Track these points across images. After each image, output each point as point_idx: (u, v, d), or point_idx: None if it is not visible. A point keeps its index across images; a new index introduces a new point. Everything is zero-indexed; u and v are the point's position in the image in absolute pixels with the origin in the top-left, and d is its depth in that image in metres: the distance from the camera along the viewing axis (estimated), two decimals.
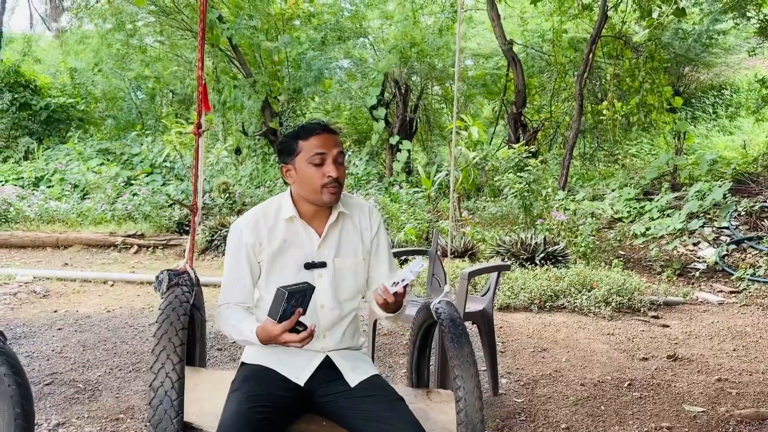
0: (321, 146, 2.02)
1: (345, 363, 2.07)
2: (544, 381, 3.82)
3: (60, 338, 4.41)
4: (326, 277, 2.09)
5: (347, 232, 2.15)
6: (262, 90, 11.56)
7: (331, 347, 2.10)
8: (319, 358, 2.07)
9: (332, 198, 2.04)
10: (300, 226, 2.10)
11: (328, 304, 2.09)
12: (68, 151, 12.74)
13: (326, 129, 2.06)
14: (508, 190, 8.21)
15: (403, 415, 1.89)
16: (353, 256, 2.14)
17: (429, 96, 14.05)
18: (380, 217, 2.25)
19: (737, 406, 3.48)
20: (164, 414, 1.76)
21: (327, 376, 2.04)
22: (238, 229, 2.10)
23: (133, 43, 13.57)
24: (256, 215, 2.10)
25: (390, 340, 4.56)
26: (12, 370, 1.80)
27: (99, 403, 3.34)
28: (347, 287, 2.13)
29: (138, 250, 7.94)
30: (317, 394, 2.02)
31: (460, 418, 1.84)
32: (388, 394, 1.98)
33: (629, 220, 8.78)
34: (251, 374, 2.02)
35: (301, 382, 2.02)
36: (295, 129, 2.10)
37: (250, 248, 2.07)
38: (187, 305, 1.93)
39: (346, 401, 1.97)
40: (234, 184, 10.04)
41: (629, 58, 11.34)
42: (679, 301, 5.84)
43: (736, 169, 9.50)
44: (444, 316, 2.03)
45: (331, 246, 2.11)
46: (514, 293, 5.58)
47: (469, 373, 1.87)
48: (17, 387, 1.79)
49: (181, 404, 1.79)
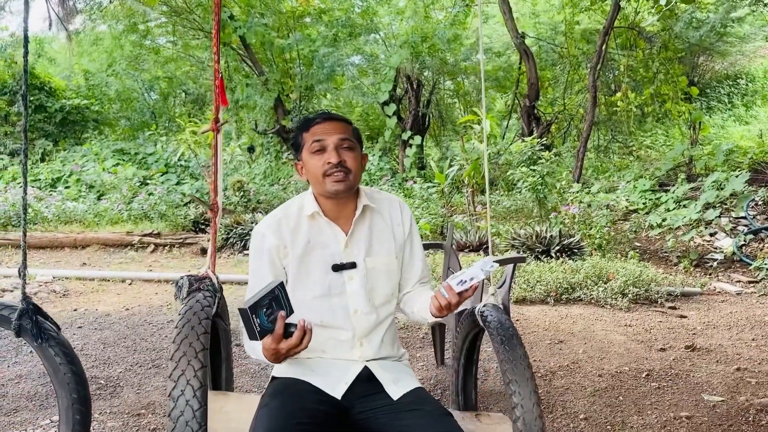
0: (320, 133, 1.90)
1: (386, 375, 1.89)
2: (562, 372, 3.82)
3: (81, 336, 4.46)
4: (357, 279, 1.92)
5: (377, 228, 1.99)
6: (274, 88, 11.61)
7: (369, 356, 1.92)
8: (357, 368, 1.90)
9: (338, 186, 1.88)
10: (324, 223, 1.95)
11: (362, 309, 1.92)
12: (84, 152, 12.87)
13: (327, 117, 1.95)
14: (521, 183, 8.19)
15: (451, 430, 1.70)
16: (386, 254, 1.97)
17: (441, 91, 14.03)
18: (411, 213, 2.08)
19: (757, 395, 3.46)
20: (186, 426, 1.59)
21: (366, 390, 1.85)
22: (260, 233, 1.95)
23: (146, 44, 13.68)
24: (277, 217, 1.96)
25: (407, 334, 4.57)
26: (67, 359, 1.89)
27: (120, 398, 3.38)
28: (381, 289, 1.96)
29: (155, 249, 8.01)
30: (356, 410, 1.82)
31: (516, 427, 1.63)
32: (434, 409, 1.78)
33: (645, 211, 8.73)
34: (283, 388, 1.85)
35: (338, 395, 1.83)
36: (299, 122, 2.01)
37: (274, 252, 1.92)
38: (209, 309, 1.83)
39: (387, 416, 1.78)
40: (248, 182, 10.10)
41: (643, 48, 11.27)
42: (696, 291, 5.80)
43: (753, 158, 9.40)
44: (491, 320, 1.85)
45: (360, 244, 1.95)
46: (530, 286, 5.58)
47: (525, 378, 1.66)
48: (73, 375, 1.89)
49: (205, 415, 1.62)
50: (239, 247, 7.77)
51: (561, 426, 3.10)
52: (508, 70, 13.63)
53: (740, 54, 14.88)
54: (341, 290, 1.92)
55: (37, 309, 1.89)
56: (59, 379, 1.88)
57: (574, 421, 3.15)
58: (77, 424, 1.88)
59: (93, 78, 15.92)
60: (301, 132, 1.96)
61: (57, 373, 1.88)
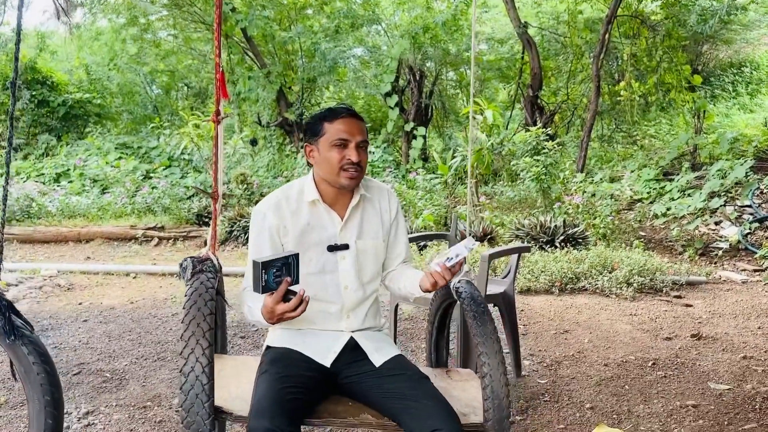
0: (345, 131, 2.05)
1: (369, 344, 2.11)
2: (567, 362, 3.81)
3: (86, 330, 4.47)
4: (349, 258, 2.13)
5: (368, 214, 2.18)
6: (277, 80, 11.57)
7: (355, 327, 2.14)
8: (344, 339, 2.10)
9: (350, 182, 2.07)
10: (323, 209, 2.13)
11: (352, 285, 2.13)
12: (87, 147, 12.86)
13: (353, 114, 2.09)
14: (525, 173, 8.16)
15: (428, 392, 1.91)
16: (374, 238, 2.18)
17: (444, 81, 13.98)
18: (398, 200, 2.28)
19: (763, 383, 3.45)
20: (196, 398, 1.77)
21: (352, 357, 2.07)
22: (261, 212, 2.11)
23: (147, 38, 13.64)
24: (278, 198, 2.12)
25: (411, 325, 4.57)
26: (41, 359, 1.83)
27: (126, 391, 3.39)
28: (369, 269, 2.17)
29: (158, 243, 8.02)
30: (343, 375, 2.04)
31: (485, 393, 1.85)
32: (413, 374, 2.00)
33: (649, 200, 8.70)
34: (278, 356, 2.04)
35: (327, 363, 2.04)
36: (323, 111, 2.12)
37: (275, 231, 2.09)
38: (213, 290, 1.94)
39: (371, 381, 2.00)
40: (251, 174, 10.08)
41: (646, 36, 11.19)
42: (701, 280, 5.79)
43: (758, 146, 9.35)
44: (465, 295, 2.05)
45: (353, 228, 2.15)
46: (535, 276, 5.56)
47: (493, 350, 1.88)
48: (46, 375, 1.82)
49: (212, 389, 1.81)
50: (243, 240, 7.76)
51: (567, 415, 3.09)
52: (511, 60, 13.56)
53: (744, 42, 14.77)
54: (334, 268, 2.13)
55: (11, 306, 1.84)
56: (31, 380, 1.80)
57: (580, 410, 3.14)
58: (49, 429, 1.80)
59: (95, 72, 15.89)
60: (324, 121, 2.08)
61: (29, 374, 1.80)
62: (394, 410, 1.90)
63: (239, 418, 1.93)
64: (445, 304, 2.31)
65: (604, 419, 3.04)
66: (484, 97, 11.42)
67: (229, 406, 1.96)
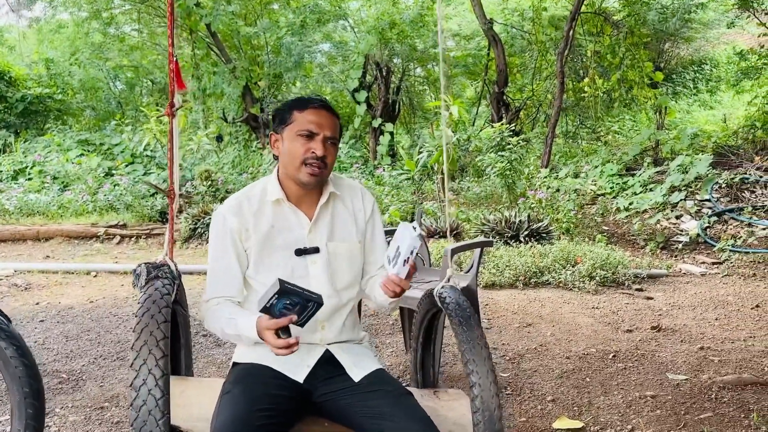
0: (314, 122, 1.89)
1: (347, 357, 1.93)
2: (530, 355, 3.84)
3: (42, 330, 4.36)
4: (320, 263, 1.95)
5: (340, 214, 2.01)
6: (242, 76, 11.45)
7: (330, 339, 1.95)
8: (319, 352, 1.92)
9: (311, 179, 1.89)
10: (288, 209, 1.96)
11: (325, 292, 1.89)
12: (47, 143, 12.56)
13: (326, 106, 1.94)
14: (490, 169, 8.21)
15: (410, 410, 1.75)
16: (348, 240, 2.00)
17: (411, 78, 13.99)
18: (374, 198, 2.09)
19: (719, 372, 3.52)
20: (148, 415, 1.60)
21: (328, 373, 1.89)
22: (221, 215, 1.95)
23: (110, 32, 13.38)
24: (239, 200, 1.96)
25: (376, 321, 4.55)
26: (18, 352, 1.83)
27: (83, 392, 3.31)
28: (343, 274, 1.98)
29: (121, 241, 7.88)
30: (318, 393, 1.86)
31: (474, 405, 1.68)
32: (394, 389, 1.83)
33: (612, 195, 8.83)
34: (245, 373, 1.86)
35: (300, 379, 1.86)
36: (295, 98, 1.99)
37: (236, 234, 1.92)
38: (168, 297, 1.80)
39: (349, 398, 1.82)
40: (216, 171, 9.96)
41: (609, 34, 11.34)
42: (662, 273, 5.89)
43: (717, 142, 9.56)
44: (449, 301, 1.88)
45: (323, 230, 1.97)
46: (499, 271, 5.60)
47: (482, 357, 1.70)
48: (25, 368, 1.83)
49: (167, 404, 1.62)
50: (207, 237, 7.63)
51: (529, 408, 3.11)
52: (478, 56, 13.63)
53: (704, 40, 15.07)
54: (304, 273, 1.93)
55: None
56: (10, 372, 1.82)
57: (542, 403, 3.17)
58: (30, 418, 1.82)
59: (55, 67, 15.52)
60: (294, 110, 1.93)
61: (8, 367, 1.82)
62: (374, 431, 1.73)
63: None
64: (430, 315, 2.11)
65: (565, 412, 3.07)
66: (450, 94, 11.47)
67: (188, 427, 1.81)
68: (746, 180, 8.06)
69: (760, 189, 7.94)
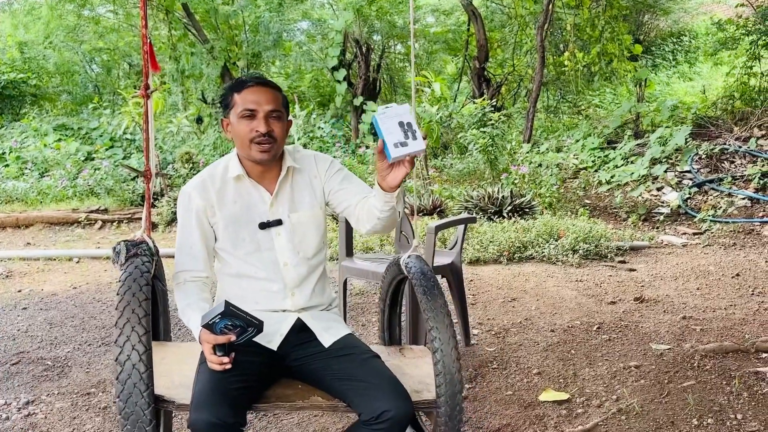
0: (252, 101, 1.95)
1: (318, 324, 2.04)
2: (515, 329, 3.88)
3: (25, 317, 4.33)
4: (284, 234, 2.04)
5: (298, 185, 2.08)
6: (221, 56, 11.30)
7: (301, 305, 2.06)
8: (291, 321, 2.03)
9: (263, 156, 1.96)
10: (249, 185, 2.04)
11: (291, 262, 2.05)
12: (23, 128, 12.34)
13: (260, 82, 2.00)
14: (473, 146, 8.21)
15: (378, 371, 1.88)
16: (310, 208, 2.08)
17: (391, 55, 13.89)
18: (329, 158, 2.13)
19: (701, 341, 3.57)
20: (134, 388, 1.72)
21: (300, 339, 2.01)
22: (186, 193, 2.04)
23: (85, 14, 13.09)
24: (202, 178, 2.05)
25: (362, 300, 4.57)
26: None
27: (69, 378, 3.30)
28: (309, 242, 2.08)
29: (102, 226, 7.79)
30: (291, 358, 1.99)
31: (437, 369, 1.82)
32: (363, 352, 1.96)
33: (594, 169, 8.87)
34: None
35: (274, 347, 1.98)
36: (232, 81, 2.07)
37: (202, 212, 2.02)
38: (148, 275, 1.87)
39: (320, 362, 1.95)
40: (197, 153, 9.86)
41: (589, 7, 11.30)
42: (644, 245, 5.95)
43: (696, 113, 9.61)
44: (414, 270, 2.00)
45: (283, 203, 2.05)
46: (483, 246, 5.63)
47: (444, 324, 1.85)
48: None
49: (151, 377, 1.75)
50: None
51: (515, 381, 3.15)
52: (458, 32, 13.55)
53: (683, 11, 15.10)
54: (270, 245, 2.04)
55: None
56: None
57: (528, 377, 3.20)
58: None
59: (29, 50, 15.19)
60: (233, 92, 2.00)
61: None
62: (344, 391, 1.86)
63: (182, 406, 1.87)
64: (396, 280, 2.27)
65: (550, 384, 3.11)
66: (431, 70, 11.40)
67: (171, 395, 1.89)
68: (726, 150, 8.13)
69: (739, 159, 8.02)
